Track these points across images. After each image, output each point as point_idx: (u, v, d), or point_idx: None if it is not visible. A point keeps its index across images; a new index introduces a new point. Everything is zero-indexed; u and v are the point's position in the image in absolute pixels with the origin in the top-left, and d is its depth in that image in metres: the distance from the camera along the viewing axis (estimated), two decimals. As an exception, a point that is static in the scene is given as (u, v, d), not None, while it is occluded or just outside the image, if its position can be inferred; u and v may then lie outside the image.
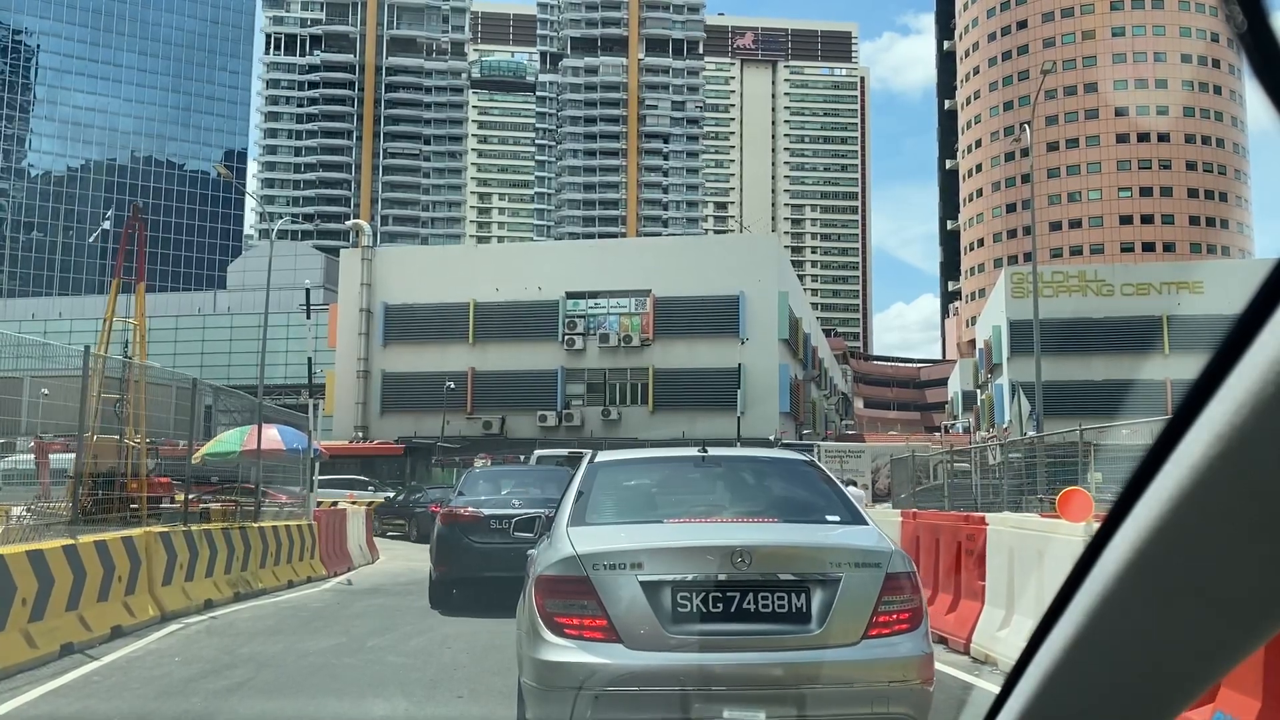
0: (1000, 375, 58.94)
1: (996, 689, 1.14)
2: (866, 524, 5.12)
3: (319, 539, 16.14)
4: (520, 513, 11.27)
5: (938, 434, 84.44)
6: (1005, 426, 54.72)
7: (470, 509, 11.55)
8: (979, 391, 72.18)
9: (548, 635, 4.55)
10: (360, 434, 52.12)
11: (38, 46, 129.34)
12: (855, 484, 24.93)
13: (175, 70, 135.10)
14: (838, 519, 5.14)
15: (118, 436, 14.94)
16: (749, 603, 4.47)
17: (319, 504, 24.85)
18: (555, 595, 4.62)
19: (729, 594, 4.47)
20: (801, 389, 54.92)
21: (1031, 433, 25.01)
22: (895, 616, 4.57)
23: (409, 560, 20.57)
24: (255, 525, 13.72)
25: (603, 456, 5.91)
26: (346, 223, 62.98)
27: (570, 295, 51.68)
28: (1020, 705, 1.07)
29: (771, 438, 43.51)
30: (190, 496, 18.92)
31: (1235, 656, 0.90)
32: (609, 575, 4.52)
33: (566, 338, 51.27)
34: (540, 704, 4.64)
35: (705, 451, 5.76)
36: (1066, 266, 63.73)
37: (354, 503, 29.05)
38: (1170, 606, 0.88)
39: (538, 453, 24.90)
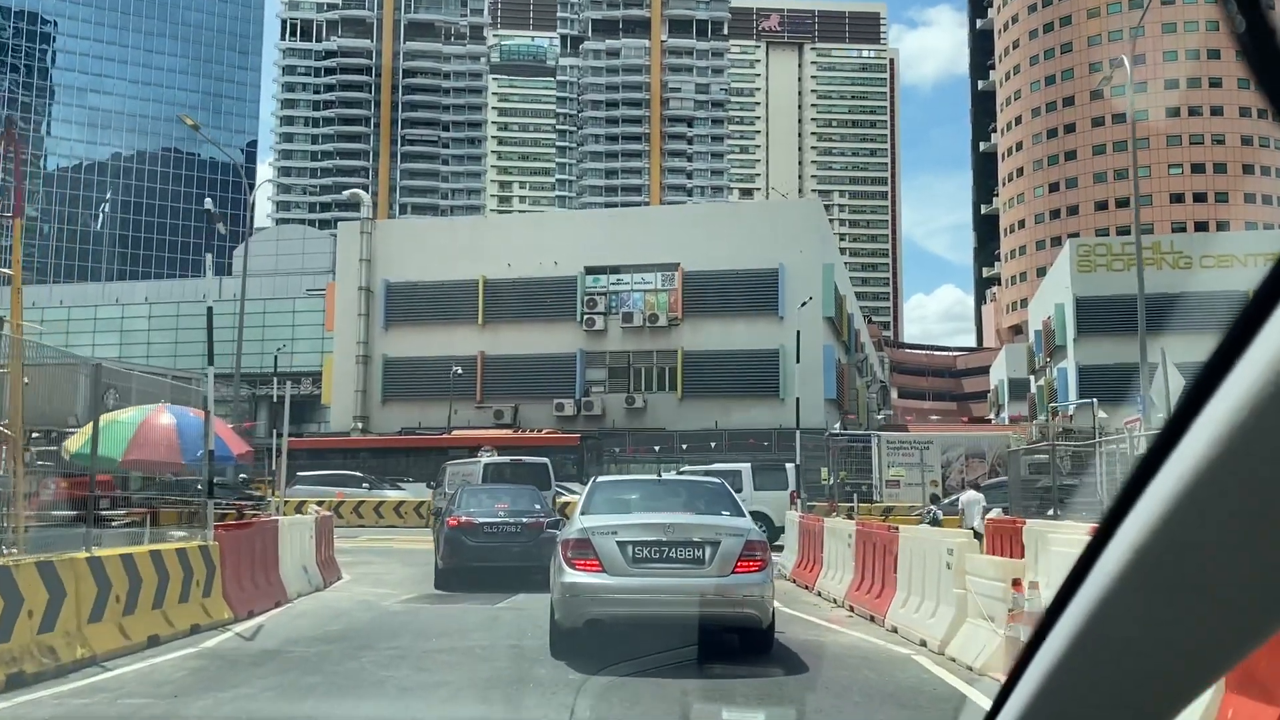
0: (1063, 358, 53.67)
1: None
2: (743, 515, 9.53)
3: (223, 566, 11.20)
4: (505, 520, 15.38)
5: (983, 423, 79.62)
6: (1069, 413, 49.69)
7: (467, 518, 15.32)
8: (1033, 378, 66.96)
9: (567, 569, 8.64)
10: (360, 424, 47.49)
11: (54, 35, 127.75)
12: (979, 487, 20.52)
13: (188, 52, 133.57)
14: (728, 513, 9.41)
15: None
16: (673, 553, 8.61)
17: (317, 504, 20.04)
18: (571, 548, 8.72)
19: (662, 548, 8.60)
20: (847, 374, 49.82)
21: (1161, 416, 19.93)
22: (749, 563, 8.58)
23: (377, 585, 15.67)
24: (83, 555, 8.76)
25: (601, 479, 10.85)
26: (344, 193, 58.23)
27: (590, 270, 47.00)
28: (1019, 706, 1.06)
29: (837, 427, 38.54)
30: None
31: (1235, 656, 0.90)
32: (600, 538, 8.64)
33: (586, 317, 46.59)
34: (564, 607, 8.71)
35: (660, 477, 12.66)
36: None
37: (320, 504, 24.21)
38: (1170, 606, 0.88)
39: (484, 461, 25.27)
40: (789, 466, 24.62)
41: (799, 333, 25.90)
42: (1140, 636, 0.91)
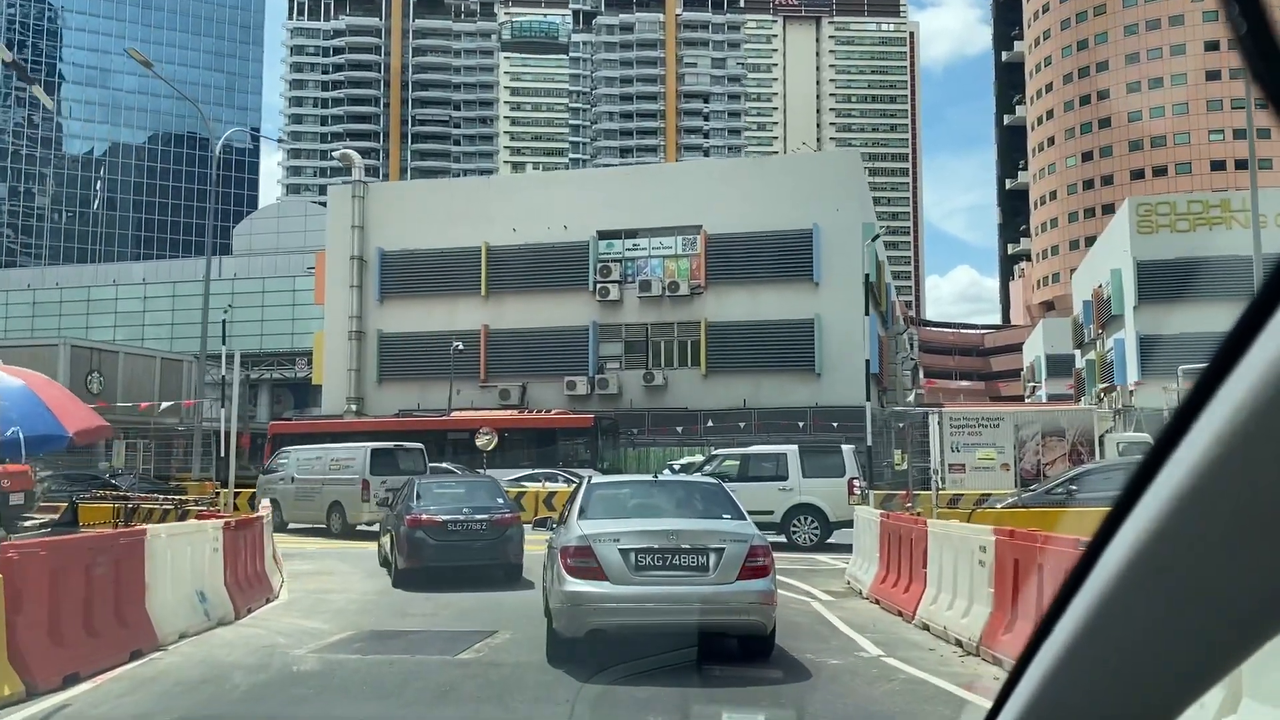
0: (1119, 328, 49.21)
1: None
2: (744, 518, 9.26)
3: (15, 608, 7.06)
4: (469, 518, 14.86)
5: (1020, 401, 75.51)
6: (1132, 388, 45.61)
7: (427, 516, 14.75)
8: (1079, 353, 62.51)
9: (567, 577, 8.41)
10: (353, 406, 43.62)
11: (62, 20, 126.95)
12: None
13: (188, 27, 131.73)
14: (729, 516, 9.24)
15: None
16: (676, 560, 8.43)
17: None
18: (572, 556, 8.46)
19: (665, 555, 8.42)
20: (887, 348, 45.62)
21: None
22: (753, 569, 8.47)
23: (310, 613, 11.58)
24: None
25: (594, 480, 10.39)
26: (334, 154, 54.42)
27: (603, 235, 43.14)
28: (1020, 706, 1.07)
29: (911, 399, 34.33)
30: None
31: (1235, 657, 0.91)
32: (601, 544, 8.43)
33: (599, 287, 42.71)
34: (564, 617, 8.50)
35: (657, 478, 11.43)
36: (1207, 195, 53.81)
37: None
38: (1170, 606, 0.89)
39: (371, 447, 23.88)
40: (845, 450, 20.35)
41: (867, 276, 21.90)
42: (1141, 637, 0.91)
